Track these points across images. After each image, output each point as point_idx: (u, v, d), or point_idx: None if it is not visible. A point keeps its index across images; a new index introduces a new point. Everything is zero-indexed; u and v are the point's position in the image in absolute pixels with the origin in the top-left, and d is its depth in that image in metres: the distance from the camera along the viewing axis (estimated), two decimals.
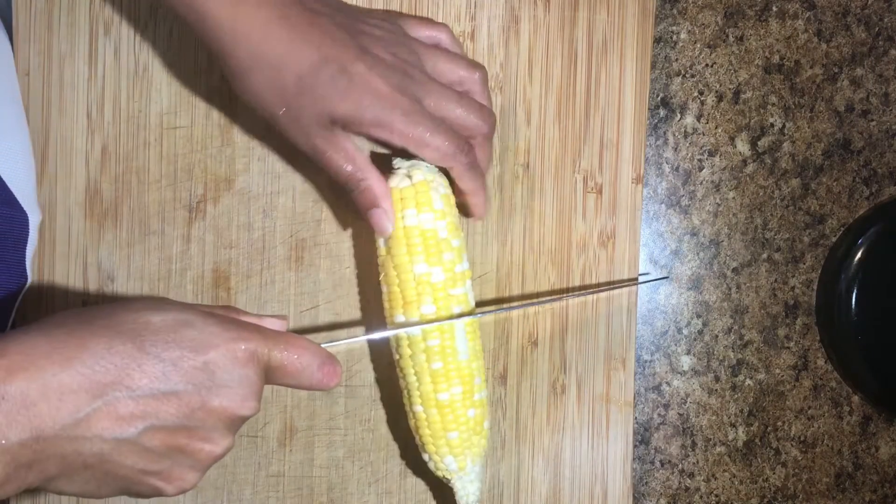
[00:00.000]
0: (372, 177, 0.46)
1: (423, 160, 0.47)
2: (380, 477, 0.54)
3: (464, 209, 0.51)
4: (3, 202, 0.43)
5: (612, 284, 0.56)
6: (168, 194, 0.52)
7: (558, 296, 0.55)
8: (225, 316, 0.40)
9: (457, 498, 0.49)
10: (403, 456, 0.54)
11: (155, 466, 0.37)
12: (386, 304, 0.48)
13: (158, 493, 0.39)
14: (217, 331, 0.38)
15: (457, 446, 0.48)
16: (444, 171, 0.48)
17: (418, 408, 0.48)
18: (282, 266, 0.53)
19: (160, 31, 0.51)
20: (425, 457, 0.49)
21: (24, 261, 0.46)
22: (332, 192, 0.53)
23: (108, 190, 0.51)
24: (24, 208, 0.45)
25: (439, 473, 0.49)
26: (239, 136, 0.52)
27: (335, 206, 0.53)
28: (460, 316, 0.48)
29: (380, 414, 0.54)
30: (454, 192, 0.49)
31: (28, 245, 0.46)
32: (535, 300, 0.55)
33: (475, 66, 0.49)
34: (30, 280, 0.47)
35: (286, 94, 0.43)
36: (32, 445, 0.34)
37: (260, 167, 0.53)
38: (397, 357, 0.49)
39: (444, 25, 0.49)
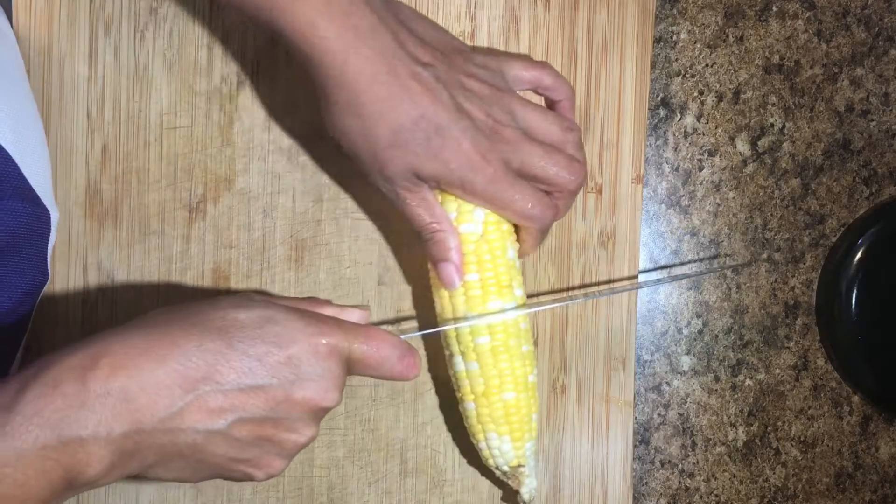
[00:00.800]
0: (448, 229, 0.47)
1: None
2: (380, 477, 0.54)
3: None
4: (27, 199, 0.43)
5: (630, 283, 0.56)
6: (168, 194, 0.52)
7: (601, 290, 0.55)
8: (307, 310, 0.42)
9: (524, 489, 0.50)
10: (403, 456, 0.54)
11: (244, 455, 0.40)
12: (477, 293, 0.48)
13: (249, 478, 0.41)
14: (300, 326, 0.40)
15: (533, 428, 0.49)
16: None
17: (509, 395, 0.48)
18: (282, 266, 0.53)
19: (160, 31, 0.51)
20: (504, 448, 0.49)
21: (46, 258, 0.46)
22: (331, 191, 0.53)
23: (108, 190, 0.51)
24: (46, 206, 0.45)
25: (515, 462, 0.49)
26: (239, 136, 0.52)
27: (335, 207, 0.53)
28: (522, 306, 0.48)
29: (380, 414, 0.54)
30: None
31: (49, 243, 0.46)
32: (568, 296, 0.55)
33: (569, 128, 0.47)
34: (49, 277, 0.47)
35: (378, 144, 0.43)
36: (134, 437, 0.36)
37: (260, 167, 0.53)
38: (469, 347, 0.48)
39: (545, 66, 0.48)
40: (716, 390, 0.59)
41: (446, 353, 0.49)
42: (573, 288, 0.55)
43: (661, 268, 0.59)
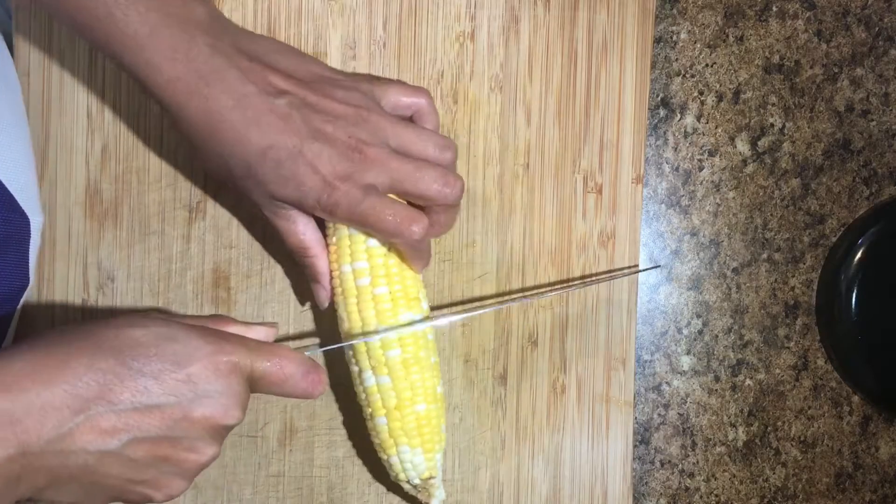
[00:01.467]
0: (316, 254, 0.47)
1: None
2: (380, 477, 0.54)
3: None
4: (3, 206, 0.43)
5: (589, 277, 0.56)
6: (168, 194, 0.52)
7: (541, 291, 0.55)
8: (209, 328, 0.41)
9: (434, 501, 0.49)
10: None
11: (141, 476, 0.39)
12: (388, 306, 0.48)
13: (148, 500, 0.40)
14: (200, 343, 0.40)
15: (442, 439, 0.49)
16: None
17: (420, 407, 0.48)
18: (282, 266, 0.53)
19: None
20: (416, 461, 0.49)
21: (27, 263, 0.46)
22: None
23: (108, 190, 0.51)
24: (26, 211, 0.45)
25: (427, 474, 0.49)
26: None
27: None
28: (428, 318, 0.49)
29: None
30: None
31: (31, 248, 0.46)
32: (509, 298, 0.55)
33: (446, 145, 0.46)
34: (32, 282, 0.47)
35: (235, 176, 0.44)
36: (20, 460, 0.35)
37: None
38: (380, 361, 0.48)
39: (422, 91, 0.48)
40: (716, 390, 0.59)
41: (354, 370, 0.48)
42: (498, 295, 0.55)
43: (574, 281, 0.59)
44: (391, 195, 0.46)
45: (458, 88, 0.54)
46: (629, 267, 0.56)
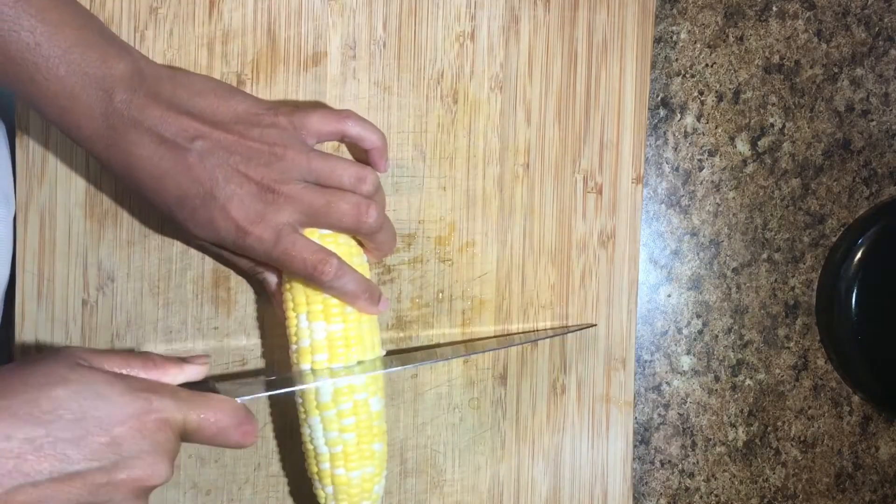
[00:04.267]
0: (265, 271, 0.49)
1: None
2: None
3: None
4: None
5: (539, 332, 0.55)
6: None
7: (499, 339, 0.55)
8: (136, 378, 0.40)
9: None
10: (403, 456, 0.54)
11: None
12: (341, 343, 0.47)
13: None
14: (126, 400, 0.38)
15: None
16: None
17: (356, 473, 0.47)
18: None
19: (160, 31, 0.51)
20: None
21: (8, 255, 0.47)
22: None
23: (108, 190, 0.51)
24: None
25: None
26: None
27: None
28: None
29: None
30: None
31: (10, 237, 0.47)
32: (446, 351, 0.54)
33: (360, 176, 0.46)
34: (6, 277, 0.47)
35: (162, 215, 0.46)
36: None
37: None
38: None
39: (345, 115, 0.47)
40: (716, 390, 0.59)
41: (300, 415, 0.48)
42: (514, 333, 0.55)
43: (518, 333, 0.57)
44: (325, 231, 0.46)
45: (458, 88, 0.54)
46: (567, 327, 0.55)
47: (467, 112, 0.54)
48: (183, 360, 0.43)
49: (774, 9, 0.59)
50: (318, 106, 0.50)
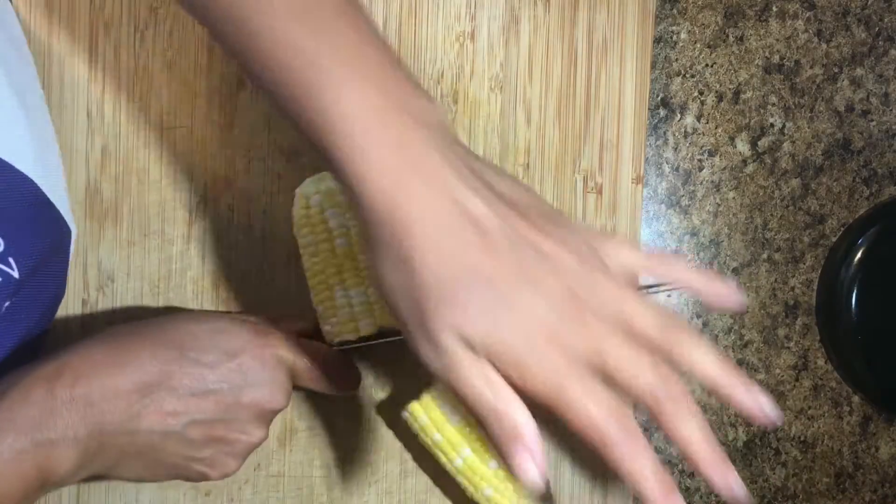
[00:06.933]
0: (515, 406, 0.37)
1: None
2: (380, 477, 0.54)
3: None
4: (53, 220, 0.46)
5: None
6: (168, 194, 0.52)
7: None
8: (257, 325, 0.46)
9: None
10: (403, 456, 0.54)
11: (199, 454, 0.44)
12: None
13: (205, 478, 0.45)
14: (249, 337, 0.45)
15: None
16: None
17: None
18: (282, 266, 0.53)
19: (160, 31, 0.51)
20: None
21: (65, 274, 0.48)
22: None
23: (108, 190, 0.51)
24: (68, 223, 0.47)
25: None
26: (239, 136, 0.52)
27: None
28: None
29: (380, 414, 0.54)
30: None
31: (69, 258, 0.49)
32: None
33: (676, 327, 0.36)
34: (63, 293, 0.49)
35: (419, 293, 0.35)
36: (98, 437, 0.40)
37: (260, 167, 0.53)
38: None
39: (665, 256, 0.41)
40: None
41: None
42: None
43: None
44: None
45: (458, 88, 0.54)
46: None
47: (467, 112, 0.54)
48: (294, 318, 0.50)
49: (774, 9, 0.59)
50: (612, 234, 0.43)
